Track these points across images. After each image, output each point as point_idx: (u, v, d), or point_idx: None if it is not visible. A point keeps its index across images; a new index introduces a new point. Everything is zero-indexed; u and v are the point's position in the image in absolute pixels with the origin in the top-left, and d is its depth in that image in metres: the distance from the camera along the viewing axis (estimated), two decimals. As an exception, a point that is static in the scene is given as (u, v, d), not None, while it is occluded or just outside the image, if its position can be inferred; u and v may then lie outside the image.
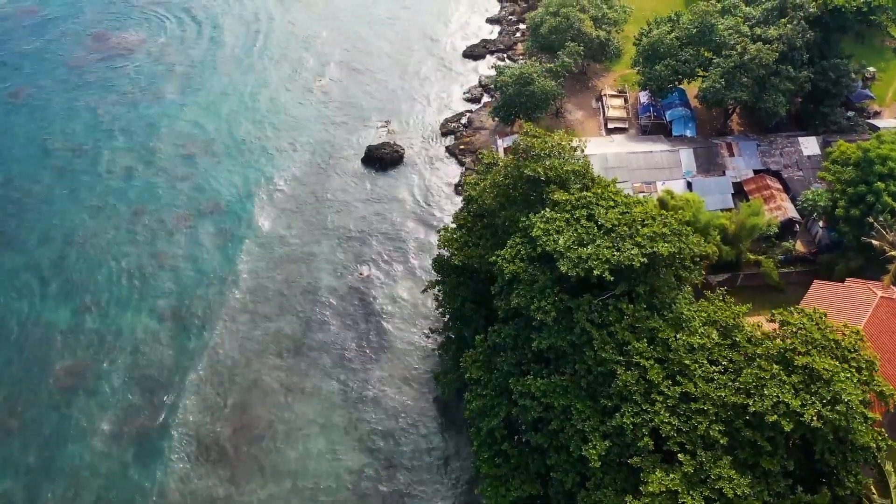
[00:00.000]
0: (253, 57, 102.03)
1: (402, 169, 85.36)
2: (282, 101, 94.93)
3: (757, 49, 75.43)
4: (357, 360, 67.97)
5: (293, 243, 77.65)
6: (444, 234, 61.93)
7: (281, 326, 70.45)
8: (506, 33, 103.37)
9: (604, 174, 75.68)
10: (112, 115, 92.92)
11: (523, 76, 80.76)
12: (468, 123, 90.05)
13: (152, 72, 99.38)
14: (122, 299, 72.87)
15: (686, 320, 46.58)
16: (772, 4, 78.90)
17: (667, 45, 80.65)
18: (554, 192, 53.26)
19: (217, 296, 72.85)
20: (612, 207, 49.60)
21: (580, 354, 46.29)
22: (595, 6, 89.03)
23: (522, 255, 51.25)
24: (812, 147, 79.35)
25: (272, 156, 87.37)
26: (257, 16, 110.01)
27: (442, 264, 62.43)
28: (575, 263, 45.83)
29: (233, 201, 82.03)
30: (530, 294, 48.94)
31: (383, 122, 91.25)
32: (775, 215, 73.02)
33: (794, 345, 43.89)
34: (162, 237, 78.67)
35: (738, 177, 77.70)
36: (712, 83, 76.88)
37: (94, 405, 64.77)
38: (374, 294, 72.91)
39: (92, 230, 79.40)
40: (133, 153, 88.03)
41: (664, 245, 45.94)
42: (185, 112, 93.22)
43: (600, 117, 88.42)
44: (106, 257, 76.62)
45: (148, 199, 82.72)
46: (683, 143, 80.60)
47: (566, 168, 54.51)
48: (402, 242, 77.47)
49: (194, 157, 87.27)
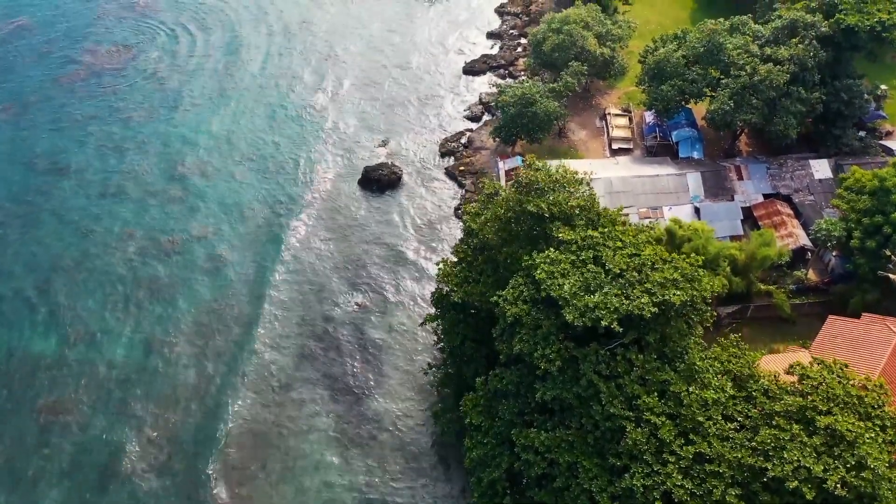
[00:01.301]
0: (247, 73, 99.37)
1: (399, 191, 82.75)
2: (277, 118, 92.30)
3: (767, 70, 72.90)
4: (352, 395, 65.38)
5: (286, 270, 75.02)
6: (443, 269, 59.46)
7: (273, 359, 67.87)
8: (507, 48, 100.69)
9: (608, 199, 74.35)
10: (102, 133, 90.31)
11: (525, 97, 78.17)
12: (468, 143, 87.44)
13: (144, 88, 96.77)
14: (110, 330, 70.21)
15: (699, 371, 44.01)
16: (782, 23, 76.28)
17: (673, 63, 78.14)
18: (558, 229, 50.77)
19: (207, 326, 70.24)
20: (621, 249, 47.04)
21: (587, 408, 43.77)
22: (599, 22, 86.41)
23: (525, 297, 48.76)
24: (823, 170, 76.81)
25: (266, 177, 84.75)
26: (251, 31, 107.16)
27: (441, 299, 59.98)
28: (581, 312, 43.28)
29: (225, 225, 79.38)
30: (534, 340, 46.47)
31: (381, 142, 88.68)
32: (786, 243, 70.50)
33: (815, 402, 41.36)
34: (152, 263, 76.06)
35: (747, 201, 75.16)
36: (721, 105, 74.37)
37: (77, 444, 62.20)
38: (370, 325, 70.35)
39: (80, 255, 76.82)
40: (123, 173, 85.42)
41: (676, 293, 43.39)
42: (177, 130, 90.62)
43: (604, 137, 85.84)
44: (94, 284, 74.02)
45: (138, 222, 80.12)
46: (690, 166, 78.05)
47: (571, 203, 52.00)
48: (400, 269, 74.89)
49: (187, 178, 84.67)
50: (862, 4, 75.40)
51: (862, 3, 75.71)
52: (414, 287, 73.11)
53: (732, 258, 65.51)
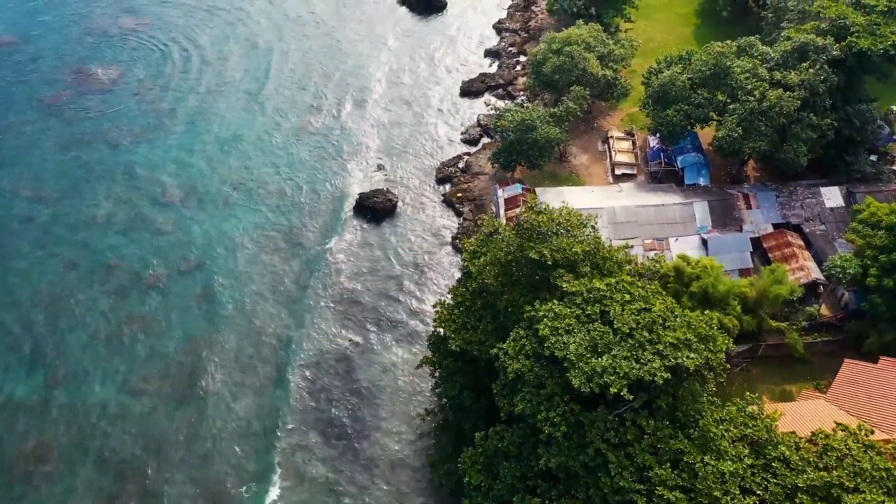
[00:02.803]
0: (237, 93, 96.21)
1: (395, 219, 79.79)
2: (269, 141, 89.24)
3: (777, 96, 70.07)
4: (346, 439, 62.55)
5: (277, 305, 72.02)
6: (440, 312, 56.52)
7: (263, 401, 64.93)
8: (505, 67, 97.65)
9: (612, 230, 71.59)
10: (87, 158, 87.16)
11: (525, 122, 75.27)
12: (466, 168, 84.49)
13: (131, 110, 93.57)
14: (94, 370, 67.21)
15: (714, 438, 41.11)
16: (791, 45, 73.38)
17: (678, 87, 75.24)
18: (562, 277, 47.93)
19: (195, 366, 67.25)
20: (629, 303, 44.09)
21: (594, 478, 40.90)
22: (601, 42, 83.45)
23: (527, 351, 45.93)
24: (835, 198, 74.02)
25: (257, 204, 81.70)
26: (240, 50, 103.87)
27: (438, 344, 57.04)
28: (588, 377, 40.37)
29: (214, 257, 76.37)
30: (537, 400, 43.66)
31: (376, 167, 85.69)
32: (797, 277, 67.69)
33: (841, 478, 38.45)
34: (138, 297, 73.06)
35: (756, 231, 72.32)
36: (729, 132, 71.55)
37: (60, 494, 59.21)
38: (364, 363, 67.46)
39: (63, 289, 73.72)
40: (109, 201, 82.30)
41: (690, 357, 40.47)
42: (165, 155, 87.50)
43: (607, 161, 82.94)
44: (78, 321, 70.99)
45: (124, 253, 77.03)
46: (697, 194, 75.16)
47: (575, 249, 49.08)
48: (395, 305, 71.92)
49: (175, 206, 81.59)
50: (874, 26, 72.64)
51: (874, 24, 72.96)
52: (410, 324, 70.17)
53: (743, 296, 62.74)
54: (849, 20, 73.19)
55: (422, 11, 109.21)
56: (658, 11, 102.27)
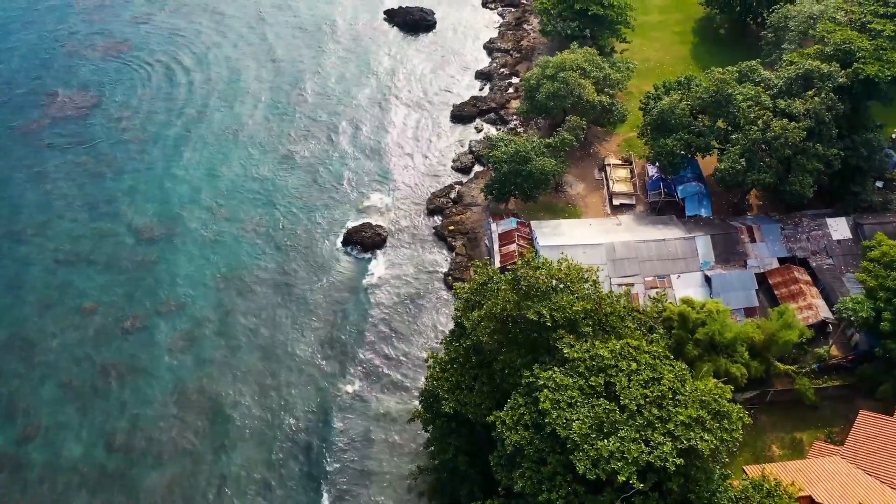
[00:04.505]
0: (221, 119, 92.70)
1: (385, 255, 76.49)
2: (253, 172, 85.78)
3: (782, 126, 67.17)
4: (333, 497, 59.21)
5: (260, 351, 68.61)
6: (432, 368, 53.25)
7: (249, 455, 61.58)
8: (497, 89, 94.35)
9: (612, 267, 68.57)
10: (63, 191, 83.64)
11: (519, 153, 72.13)
12: (458, 198, 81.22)
13: (110, 137, 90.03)
14: (69, 424, 63.86)
15: (730, 525, 38.18)
16: (795, 72, 70.46)
17: (678, 115, 72.29)
18: (562, 339, 44.85)
19: (176, 419, 63.87)
20: (636, 373, 40.98)
21: (602, 568, 37.81)
22: (596, 66, 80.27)
23: (527, 422, 42.87)
24: (842, 230, 71.18)
25: (241, 240, 78.26)
26: (223, 71, 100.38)
27: (430, 402, 53.80)
28: (594, 462, 37.32)
29: (196, 297, 72.96)
30: (538, 478, 40.57)
31: (364, 197, 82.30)
32: (805, 316, 64.81)
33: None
34: (116, 343, 69.67)
35: (761, 266, 69.45)
36: (731, 164, 68.63)
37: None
38: (353, 413, 64.18)
39: (36, 334, 70.33)
40: (85, 237, 78.80)
41: (704, 439, 37.41)
42: (145, 187, 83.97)
43: (604, 191, 79.86)
44: (52, 369, 67.62)
45: (102, 294, 73.62)
46: (699, 227, 72.16)
47: (575, 308, 45.98)
48: (385, 349, 68.62)
49: (155, 243, 78.11)
50: (881, 51, 69.80)
51: (880, 49, 70.13)
52: (402, 370, 66.92)
53: (751, 340, 59.84)
54: (854, 45, 70.34)
55: (411, 31, 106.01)
56: (654, 30, 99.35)
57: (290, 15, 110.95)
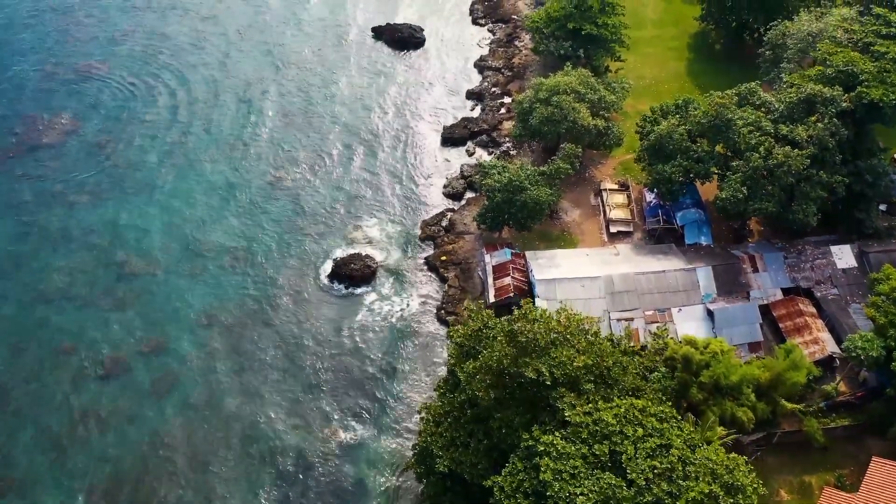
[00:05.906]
0: (202, 146, 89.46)
1: (374, 288, 73.68)
2: (238, 200, 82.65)
3: (785, 154, 64.88)
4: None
5: (245, 393, 65.68)
6: (426, 421, 50.71)
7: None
8: (489, 110, 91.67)
9: (610, 300, 66.13)
10: (40, 223, 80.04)
11: (513, 182, 69.59)
12: (450, 226, 78.53)
13: (88, 166, 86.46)
14: (44, 476, 60.52)
15: None
16: (797, 96, 68.14)
17: (676, 140, 69.97)
18: (562, 399, 42.32)
19: (156, 468, 60.90)
20: (643, 439, 38.44)
21: None
22: (591, 89, 77.74)
23: (526, 489, 40.32)
24: (847, 258, 68.96)
25: (225, 273, 75.29)
26: (205, 94, 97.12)
27: (424, 457, 51.12)
28: (601, 546, 34.73)
29: (177, 336, 69.94)
30: (540, 554, 37.95)
31: (352, 226, 79.51)
32: (812, 351, 62.61)
33: None
34: (94, 386, 66.48)
35: (764, 297, 67.18)
36: (733, 193, 66.27)
37: None
38: (345, 461, 61.33)
39: (9, 379, 66.93)
40: (60, 272, 75.38)
41: (718, 520, 34.98)
42: (126, 218, 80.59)
43: (600, 218, 77.38)
44: (26, 417, 64.17)
45: (80, 334, 70.26)
46: (700, 257, 69.79)
47: (576, 364, 43.44)
48: (376, 390, 65.83)
49: (134, 278, 74.99)
50: (885, 74, 67.55)
51: (884, 72, 67.88)
52: (393, 412, 64.19)
53: (756, 381, 57.46)
54: (857, 67, 68.08)
55: (400, 48, 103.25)
56: (648, 46, 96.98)
57: (273, 34, 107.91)
